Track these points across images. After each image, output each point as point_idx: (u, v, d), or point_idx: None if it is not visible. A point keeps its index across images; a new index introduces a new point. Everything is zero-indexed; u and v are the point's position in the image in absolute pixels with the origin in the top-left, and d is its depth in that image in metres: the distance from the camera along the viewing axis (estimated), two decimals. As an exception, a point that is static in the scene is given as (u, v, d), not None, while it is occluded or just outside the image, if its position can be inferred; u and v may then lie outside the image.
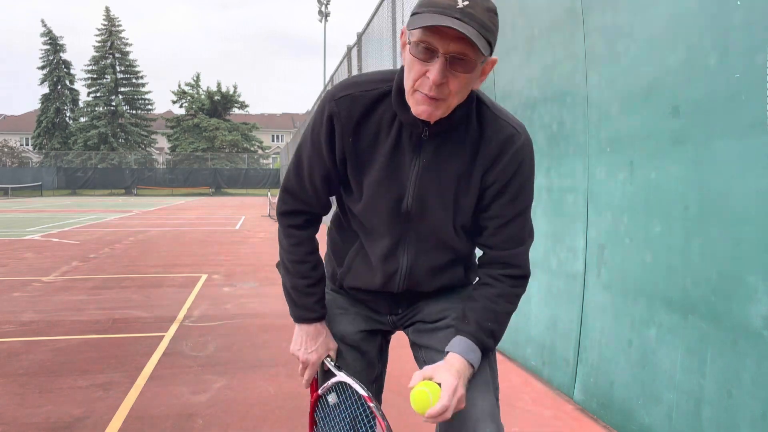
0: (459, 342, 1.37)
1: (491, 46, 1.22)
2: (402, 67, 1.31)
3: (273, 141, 63.03)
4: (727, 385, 2.16)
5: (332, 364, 1.52)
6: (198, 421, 2.98)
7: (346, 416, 1.51)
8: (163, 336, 4.57)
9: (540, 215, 3.61)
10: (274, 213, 19.49)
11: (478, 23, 1.15)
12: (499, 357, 4.07)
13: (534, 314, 3.71)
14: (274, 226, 15.55)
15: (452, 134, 1.35)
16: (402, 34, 1.28)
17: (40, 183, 42.99)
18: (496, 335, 1.41)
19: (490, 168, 1.36)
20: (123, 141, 50.61)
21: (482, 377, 1.41)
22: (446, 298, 1.54)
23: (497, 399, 1.45)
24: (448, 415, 1.27)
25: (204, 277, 7.36)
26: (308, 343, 1.52)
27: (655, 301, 2.57)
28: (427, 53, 1.19)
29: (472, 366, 1.35)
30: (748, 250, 2.07)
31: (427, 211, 1.39)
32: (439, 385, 1.29)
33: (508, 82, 4.01)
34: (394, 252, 1.45)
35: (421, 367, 1.45)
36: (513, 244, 1.42)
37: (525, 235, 1.44)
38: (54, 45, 50.53)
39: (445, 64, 1.19)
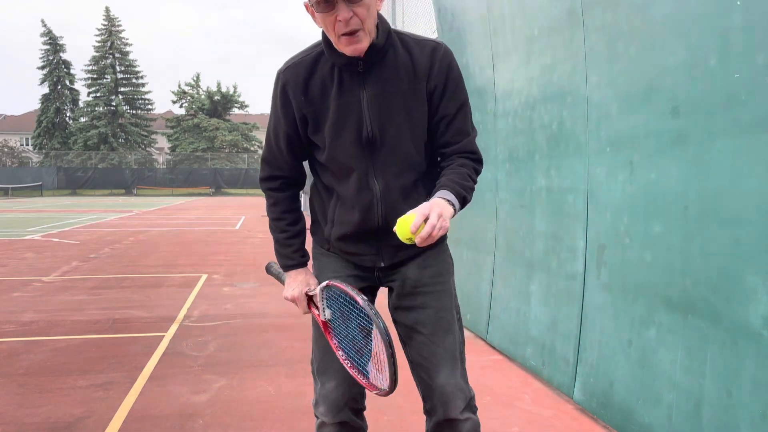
0: (437, 193, 1.57)
1: None
2: (322, 31, 1.58)
3: (273, 141, 62.93)
4: (727, 385, 2.16)
5: (311, 290, 1.74)
6: (198, 421, 2.98)
7: (347, 318, 1.65)
8: (163, 336, 4.57)
9: (540, 215, 3.61)
10: (274, 213, 19.57)
11: None
12: (499, 357, 4.07)
13: (534, 314, 3.71)
14: (274, 226, 15.54)
15: (384, 61, 1.60)
16: (306, 7, 1.55)
17: (40, 183, 43.00)
18: (465, 188, 1.61)
19: (428, 77, 1.61)
20: (123, 141, 50.59)
21: (450, 350, 1.69)
22: (424, 268, 1.73)
23: (464, 368, 1.73)
24: (425, 232, 1.43)
25: (204, 277, 7.37)
26: (291, 284, 1.77)
27: (655, 301, 2.57)
28: (327, 4, 1.46)
29: (447, 201, 1.53)
30: (748, 250, 2.07)
31: (386, 132, 1.62)
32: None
33: (508, 82, 4.01)
34: (366, 183, 1.66)
35: (400, 342, 1.72)
36: (461, 136, 1.67)
37: (469, 128, 1.69)
38: (54, 45, 50.51)
39: (344, 2, 1.45)
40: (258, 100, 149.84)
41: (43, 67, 50.45)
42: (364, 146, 1.63)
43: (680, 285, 2.40)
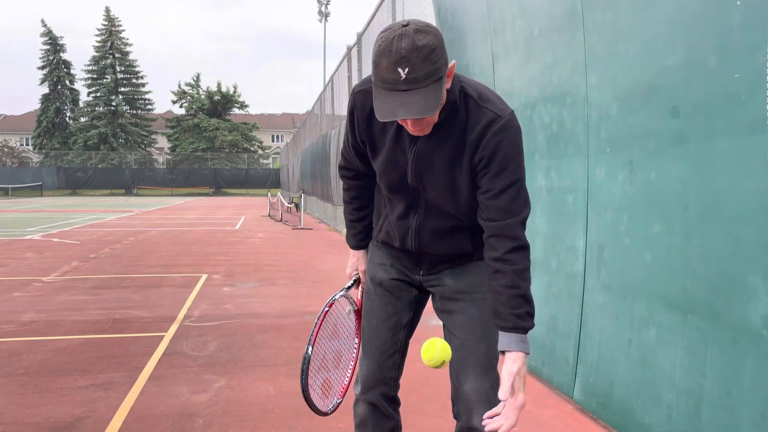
0: (501, 339, 1.61)
1: (440, 72, 1.42)
2: None
3: (273, 141, 62.99)
4: (727, 385, 2.16)
5: (348, 283, 2.01)
6: (198, 421, 2.98)
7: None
8: (163, 336, 4.57)
9: (540, 215, 3.61)
10: (274, 213, 19.54)
11: (422, 83, 1.39)
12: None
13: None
14: (274, 226, 15.56)
15: (442, 125, 1.60)
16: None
17: (40, 183, 43.01)
18: (529, 312, 1.62)
19: (476, 149, 1.59)
20: (123, 141, 50.61)
21: (482, 358, 1.74)
22: (461, 277, 1.80)
23: (496, 379, 1.71)
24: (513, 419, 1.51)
25: (204, 277, 7.36)
26: (349, 261, 2.02)
27: (654, 301, 2.57)
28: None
29: (524, 353, 1.59)
30: (748, 250, 2.07)
31: (428, 190, 1.68)
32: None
33: (508, 82, 4.01)
34: (407, 215, 1.76)
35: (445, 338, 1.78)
36: (504, 215, 1.60)
37: (515, 208, 1.61)
38: (54, 45, 50.51)
39: (415, 119, 1.49)
40: (258, 100, 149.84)
41: (43, 67, 50.46)
42: (410, 187, 1.71)
43: (680, 285, 2.40)
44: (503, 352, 1.59)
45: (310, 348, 1.77)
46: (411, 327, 1.94)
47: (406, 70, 1.37)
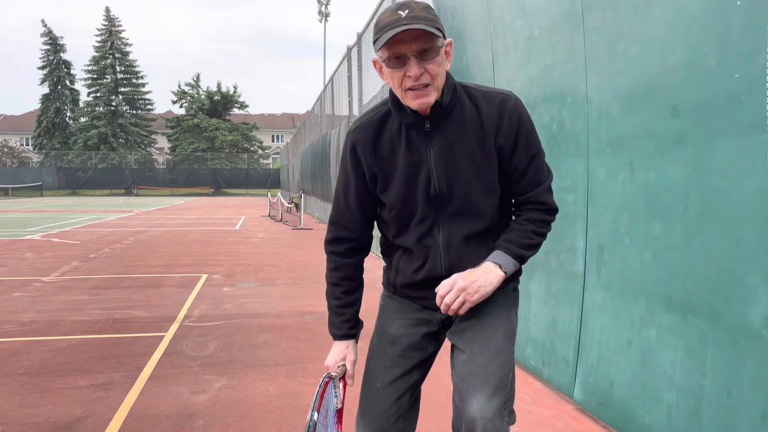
0: (491, 254, 1.62)
1: (441, 31, 1.50)
2: (390, 89, 1.62)
3: (273, 141, 63.00)
4: (727, 385, 2.16)
5: (336, 373, 1.73)
6: (198, 421, 2.98)
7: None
8: (163, 336, 4.57)
9: (540, 215, 3.61)
10: (274, 213, 19.54)
11: (422, 20, 1.46)
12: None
13: (534, 314, 3.71)
14: (274, 226, 15.56)
15: (450, 117, 1.61)
16: (375, 63, 1.60)
17: (40, 183, 43.02)
18: (525, 246, 1.63)
19: (497, 132, 1.61)
20: (123, 141, 50.59)
21: (492, 377, 1.57)
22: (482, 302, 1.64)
23: (505, 403, 1.57)
24: (448, 299, 1.54)
25: (204, 277, 7.36)
26: (332, 352, 1.79)
27: (655, 301, 2.57)
28: (399, 60, 1.50)
29: (498, 265, 1.58)
30: (748, 250, 2.07)
31: (454, 188, 1.63)
32: None
33: (508, 82, 4.01)
34: (431, 232, 1.66)
35: (451, 367, 1.67)
36: (534, 186, 1.66)
37: (542, 177, 1.67)
38: (54, 45, 50.50)
39: (416, 59, 1.49)
40: (258, 100, 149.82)
41: (43, 67, 50.44)
42: (432, 201, 1.64)
43: (680, 285, 2.40)
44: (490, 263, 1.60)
45: (316, 413, 1.52)
46: (417, 386, 1.77)
47: (406, 11, 1.46)
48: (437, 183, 1.62)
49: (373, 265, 1.95)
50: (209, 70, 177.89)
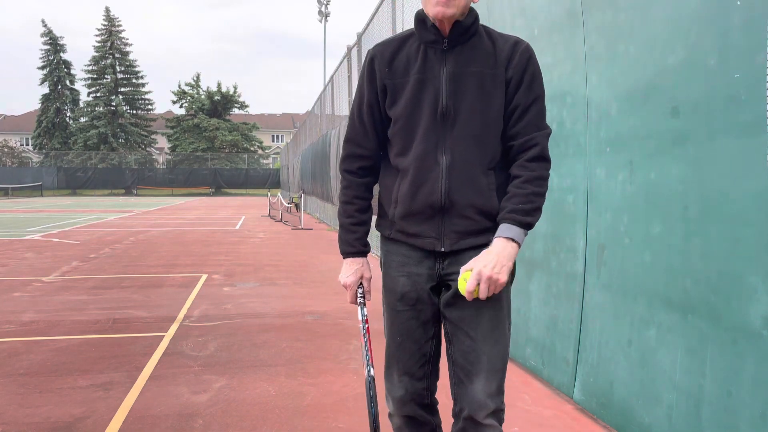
0: (499, 228, 1.65)
1: None
2: (417, 11, 1.73)
3: (273, 141, 63.01)
4: (727, 385, 2.16)
5: (361, 296, 1.84)
6: (198, 421, 2.98)
7: None
8: (163, 336, 4.57)
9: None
10: (274, 213, 19.54)
11: None
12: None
13: (534, 314, 3.71)
14: (274, 226, 15.56)
15: (468, 42, 1.70)
16: None
17: (40, 183, 43.03)
18: (529, 212, 1.66)
19: (508, 66, 1.70)
20: (123, 141, 50.61)
21: (493, 362, 1.72)
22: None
23: (502, 382, 1.74)
24: (482, 293, 1.58)
25: (204, 277, 7.36)
26: (347, 271, 1.84)
27: (654, 301, 2.57)
28: None
29: (510, 239, 1.62)
30: (748, 250, 2.07)
31: (460, 109, 1.68)
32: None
33: (508, 82, 4.00)
34: (435, 156, 1.70)
35: (445, 338, 1.79)
36: (533, 128, 1.70)
37: (541, 122, 1.72)
38: (54, 45, 50.51)
39: None
40: (258, 100, 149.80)
41: (43, 67, 50.46)
42: (437, 120, 1.69)
43: (680, 285, 2.40)
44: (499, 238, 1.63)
45: (372, 368, 1.65)
46: (439, 335, 1.85)
47: None
48: (445, 101, 1.68)
49: (373, 265, 1.94)
50: (209, 70, 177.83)
